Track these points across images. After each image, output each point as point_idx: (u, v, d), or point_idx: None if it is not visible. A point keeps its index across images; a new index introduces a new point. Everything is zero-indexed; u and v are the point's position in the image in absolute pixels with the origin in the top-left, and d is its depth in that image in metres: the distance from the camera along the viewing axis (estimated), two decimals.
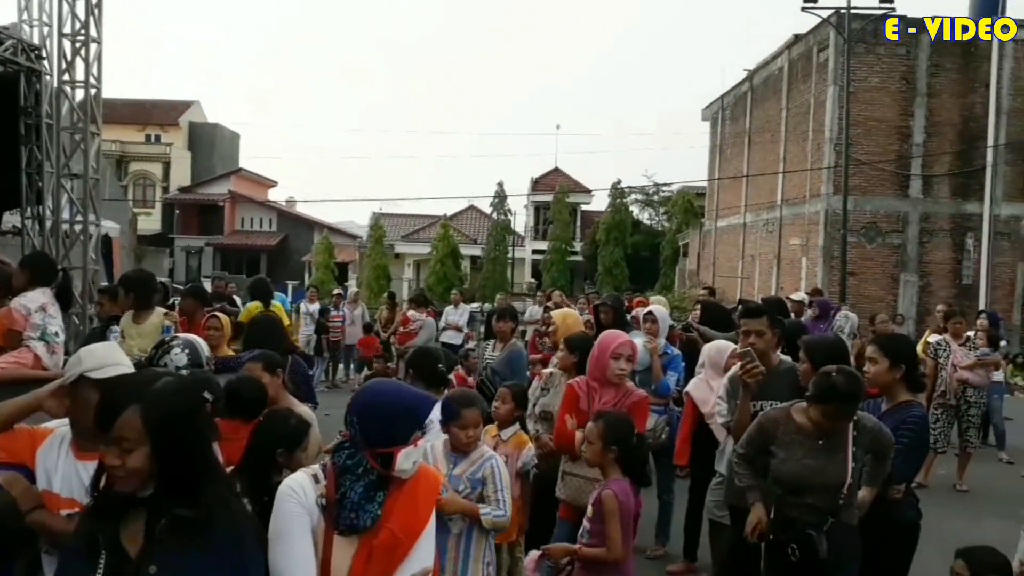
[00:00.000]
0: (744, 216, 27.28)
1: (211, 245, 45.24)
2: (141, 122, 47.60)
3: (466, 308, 13.95)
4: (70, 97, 10.21)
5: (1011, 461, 9.71)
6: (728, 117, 30.59)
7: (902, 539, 3.85)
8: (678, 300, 25.15)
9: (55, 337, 4.73)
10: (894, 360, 3.93)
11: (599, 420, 3.88)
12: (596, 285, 33.61)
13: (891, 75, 20.62)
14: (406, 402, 2.46)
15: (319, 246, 39.39)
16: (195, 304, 5.76)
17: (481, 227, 41.85)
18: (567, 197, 39.25)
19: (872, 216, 20.73)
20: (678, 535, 6.05)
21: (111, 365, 2.66)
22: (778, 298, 11.01)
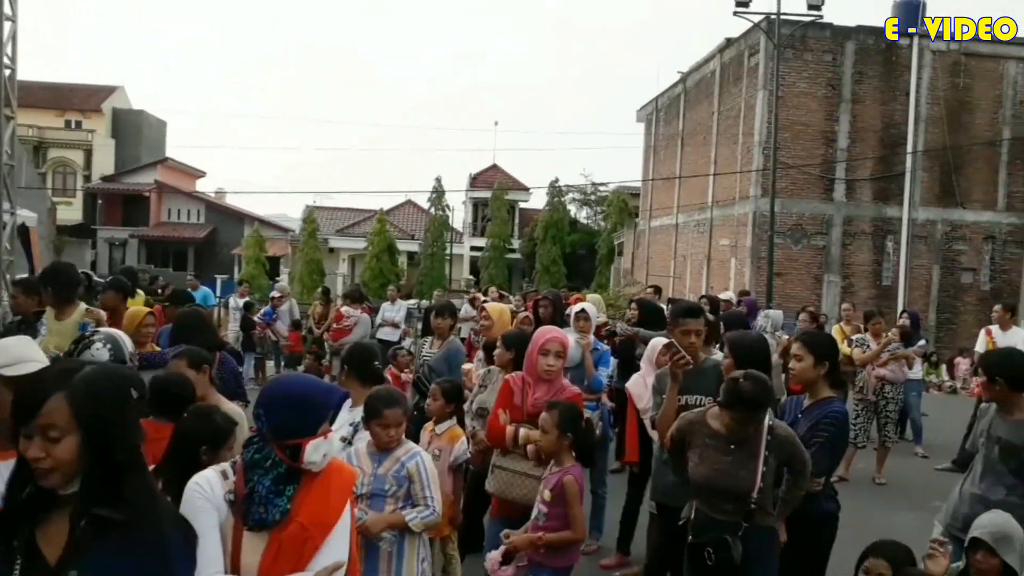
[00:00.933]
0: (677, 216, 27.68)
1: (136, 237, 43.84)
2: (60, 107, 45.72)
3: (403, 304, 13.81)
4: None
5: (926, 455, 10.08)
6: (662, 119, 30.98)
7: (821, 531, 3.95)
8: (613, 298, 25.41)
9: None
10: (818, 357, 4.03)
11: (553, 409, 3.97)
12: (534, 283, 33.75)
13: (818, 81, 21.19)
14: (313, 393, 2.44)
15: (249, 239, 38.44)
16: (118, 298, 5.56)
17: (418, 222, 41.56)
18: (505, 194, 39.31)
19: (798, 218, 21.27)
20: (612, 529, 6.11)
21: (25, 362, 2.56)
22: (714, 297, 11.27)
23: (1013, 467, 4.03)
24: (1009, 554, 3.23)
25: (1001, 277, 21.59)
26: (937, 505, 4.65)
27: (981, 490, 4.11)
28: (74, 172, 44.92)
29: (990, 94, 21.36)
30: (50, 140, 44.21)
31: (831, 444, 3.91)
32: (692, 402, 4.44)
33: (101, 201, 44.57)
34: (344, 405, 3.83)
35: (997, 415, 4.18)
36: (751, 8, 19.55)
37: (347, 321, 11.49)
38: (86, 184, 44.52)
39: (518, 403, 4.47)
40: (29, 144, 38.92)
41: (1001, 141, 21.38)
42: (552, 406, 4.03)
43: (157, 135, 50.89)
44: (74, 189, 44.13)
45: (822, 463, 3.88)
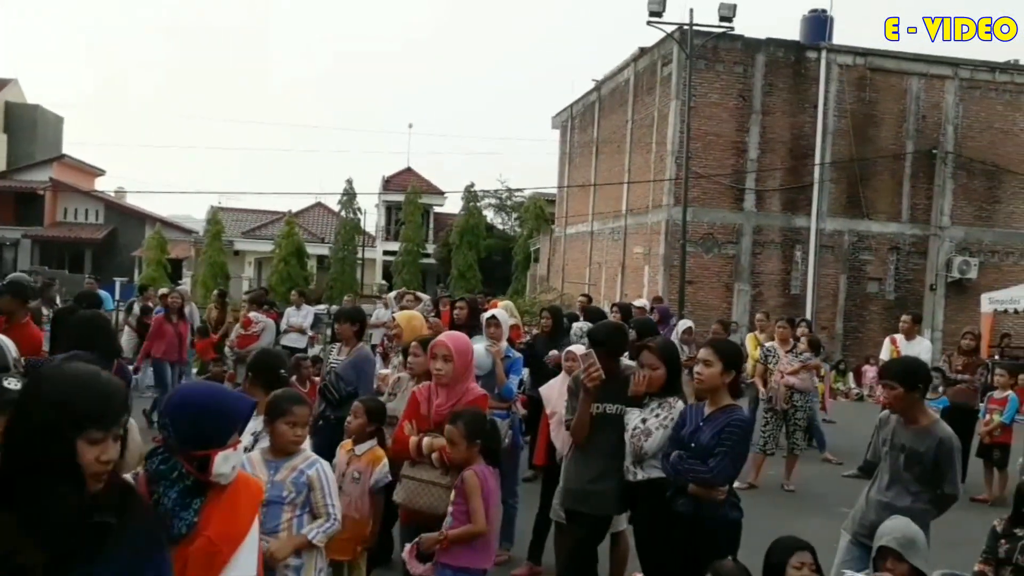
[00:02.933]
0: (592, 224, 27.88)
1: (29, 237, 41.45)
2: None
3: (309, 309, 13.33)
4: None
5: (840, 462, 10.25)
6: (577, 126, 31.20)
7: (725, 538, 3.94)
8: (529, 305, 25.40)
9: None
10: (727, 364, 4.05)
11: (456, 421, 3.95)
12: (449, 288, 33.51)
13: (729, 92, 21.62)
14: (222, 403, 2.38)
15: (151, 241, 36.87)
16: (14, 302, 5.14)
17: (329, 225, 40.83)
18: (419, 198, 38.97)
19: (709, 227, 21.64)
20: (523, 538, 6.01)
21: None
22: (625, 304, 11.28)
23: (917, 474, 4.14)
24: (916, 558, 3.33)
25: (905, 287, 22.40)
26: (845, 511, 4.70)
27: (888, 497, 4.20)
28: None
29: (895, 108, 22.14)
30: None
31: (735, 452, 3.96)
32: (610, 411, 4.47)
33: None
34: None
35: (899, 424, 4.27)
36: (664, 18, 19.80)
37: (254, 327, 10.97)
38: None
39: (425, 413, 4.40)
40: None
41: (905, 155, 22.19)
42: (456, 417, 3.99)
43: (53, 131, 48.51)
44: None
45: (726, 471, 3.95)
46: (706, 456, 3.90)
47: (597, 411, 4.45)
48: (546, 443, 5.89)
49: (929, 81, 22.24)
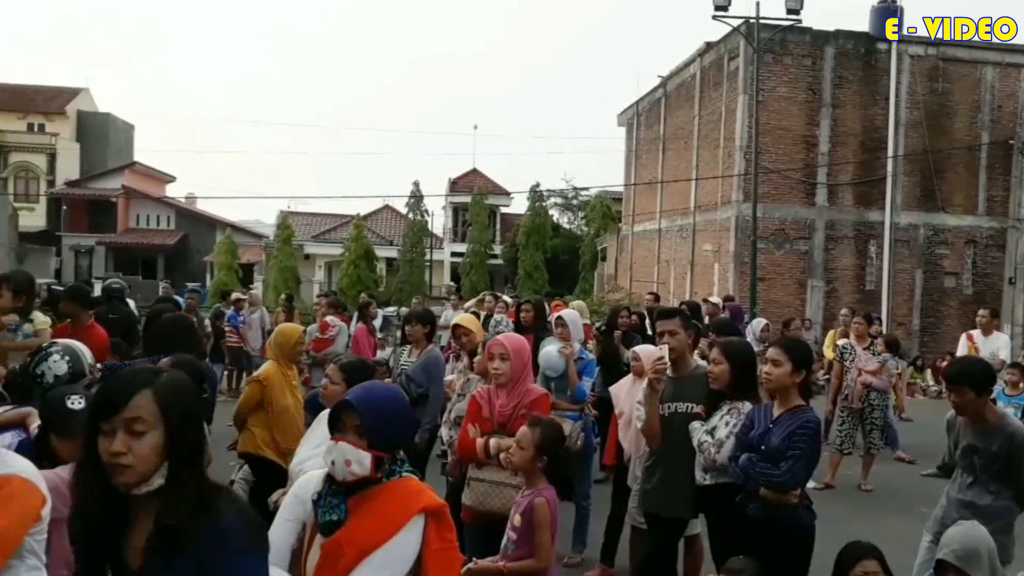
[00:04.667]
0: (659, 222, 27.65)
1: (103, 244, 42.34)
2: (22, 109, 44.25)
3: (378, 313, 13.55)
4: None
5: (912, 460, 10.01)
6: (643, 123, 30.95)
7: (800, 542, 3.90)
8: (596, 304, 25.31)
9: None
10: (796, 364, 3.98)
11: (535, 427, 3.79)
12: (516, 288, 33.60)
13: (798, 85, 21.21)
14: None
15: (222, 246, 37.42)
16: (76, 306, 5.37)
17: (397, 228, 41.20)
18: (486, 199, 39.09)
19: (780, 223, 21.26)
20: (595, 541, 6.01)
21: None
22: (695, 302, 11.17)
23: (994, 473, 4.05)
24: (977, 570, 3.18)
25: (983, 281, 21.69)
26: (924, 511, 4.61)
27: (969, 496, 4.12)
28: (37, 177, 43.48)
29: (968, 99, 21.49)
30: (11, 144, 42.88)
31: (807, 455, 3.89)
32: (681, 409, 4.40)
33: (66, 207, 42.98)
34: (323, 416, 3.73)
35: (965, 425, 4.18)
36: (730, 12, 19.54)
37: (331, 331, 11.16)
38: (50, 189, 42.92)
39: (487, 415, 4.38)
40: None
41: (980, 146, 21.49)
42: (535, 423, 3.84)
43: (125, 139, 49.38)
44: (37, 195, 42.72)
45: (799, 474, 3.87)
46: (777, 459, 3.84)
47: (668, 411, 4.42)
48: (615, 443, 5.87)
49: (1004, 70, 21.54)
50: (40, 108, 45.11)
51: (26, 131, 44.35)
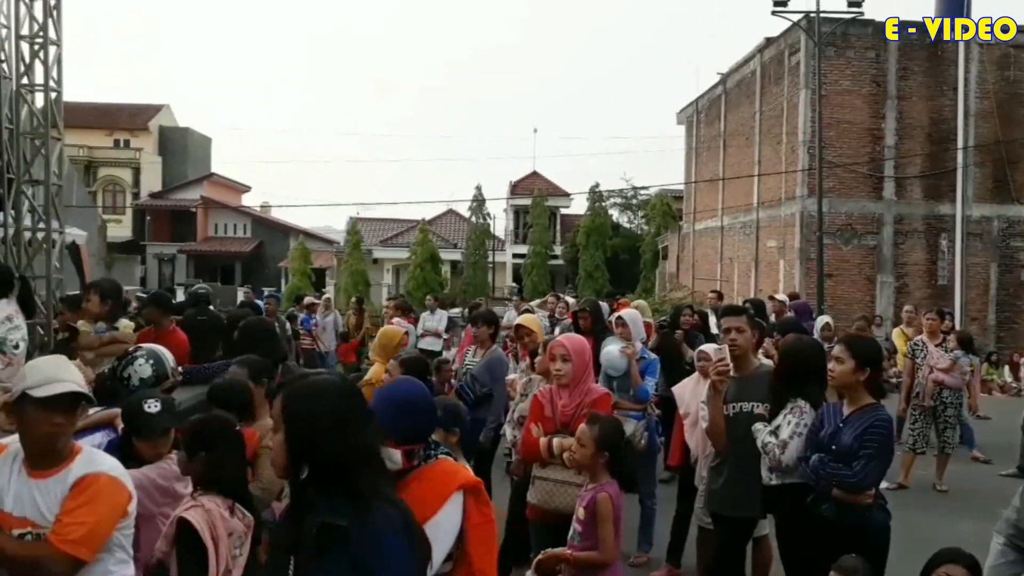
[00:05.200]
0: (721, 219, 27.37)
1: (184, 252, 44.39)
2: (108, 126, 46.47)
3: (443, 313, 13.80)
4: (29, 101, 9.97)
5: (988, 460, 9.74)
6: (703, 120, 30.68)
7: (875, 543, 3.83)
8: (658, 303, 25.17)
9: (14, 349, 4.54)
10: (860, 362, 3.89)
11: (594, 424, 3.85)
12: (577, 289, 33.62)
13: (861, 78, 20.76)
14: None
15: (295, 252, 38.83)
16: (159, 312, 5.62)
17: (460, 231, 41.70)
18: (546, 201, 39.25)
19: (847, 218, 20.84)
20: (661, 541, 6.01)
21: (56, 382, 2.55)
22: (759, 300, 11.03)
23: None
24: None
25: None
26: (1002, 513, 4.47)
27: None
28: (123, 190, 45.79)
29: None
30: (99, 159, 45.17)
31: (880, 454, 3.80)
32: (746, 409, 4.38)
33: (150, 217, 45.36)
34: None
35: None
36: (790, 7, 19.25)
37: None
38: (135, 201, 45.30)
39: (549, 415, 4.43)
40: (80, 163, 39.81)
41: None
42: (594, 420, 3.92)
43: (202, 151, 51.48)
44: (123, 206, 44.99)
45: (872, 474, 3.80)
46: (848, 459, 3.76)
47: (733, 411, 4.39)
48: (680, 444, 5.87)
49: None
50: (125, 125, 47.36)
51: (112, 147, 46.70)
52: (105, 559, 2.60)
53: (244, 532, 3.15)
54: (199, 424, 3.20)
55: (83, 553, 2.51)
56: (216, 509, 3.01)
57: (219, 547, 2.96)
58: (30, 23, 9.65)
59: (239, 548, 3.08)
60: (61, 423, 2.56)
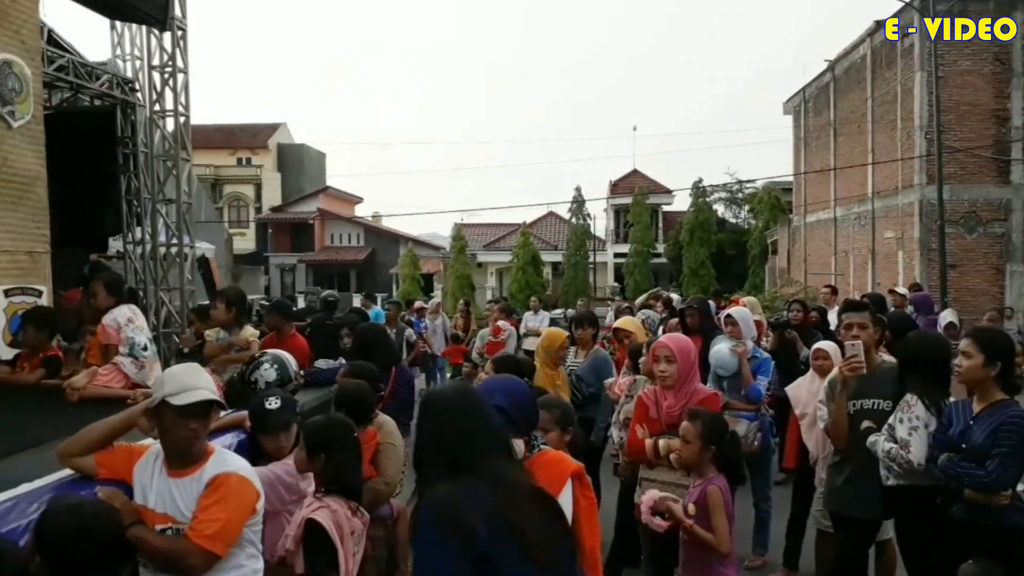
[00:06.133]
0: (834, 210, 26.46)
1: (303, 262, 46.66)
2: (232, 146, 49.27)
3: (545, 314, 13.95)
4: (161, 126, 10.66)
5: None
6: (811, 109, 29.75)
7: (1014, 546, 3.62)
8: (769, 300, 24.54)
9: (143, 351, 4.82)
10: (989, 356, 3.71)
11: (696, 420, 3.88)
12: (682, 287, 33.12)
13: (983, 57, 19.65)
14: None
15: (404, 259, 40.11)
16: (280, 318, 5.92)
17: (561, 233, 41.80)
18: (647, 199, 38.81)
19: (971, 205, 19.77)
20: (777, 544, 5.91)
21: (191, 390, 2.73)
22: (878, 295, 10.60)
23: None
24: None
25: None
26: None
27: None
28: (247, 205, 48.43)
29: None
30: (225, 177, 47.83)
31: (1016, 452, 3.58)
32: (868, 406, 4.30)
33: (271, 230, 47.87)
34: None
35: None
36: None
37: (502, 335, 11.62)
38: (257, 215, 48.01)
39: (655, 416, 4.42)
40: (207, 182, 42.19)
41: None
42: (694, 416, 3.93)
43: (317, 166, 54.05)
44: (247, 220, 47.70)
45: (1008, 474, 3.59)
46: (981, 458, 3.58)
47: (854, 408, 4.29)
48: (796, 445, 5.75)
49: None
50: (247, 144, 50.11)
51: (236, 165, 49.48)
52: (237, 554, 2.77)
53: (362, 530, 3.32)
54: (319, 427, 3.36)
55: (217, 548, 2.67)
56: (340, 509, 3.18)
57: (345, 545, 3.12)
58: (160, 54, 10.32)
59: (358, 545, 3.24)
60: (196, 428, 2.75)
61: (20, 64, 6.94)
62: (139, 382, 4.74)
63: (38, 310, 6.04)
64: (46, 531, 2.27)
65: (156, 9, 9.59)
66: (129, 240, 10.65)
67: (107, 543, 2.34)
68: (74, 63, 9.14)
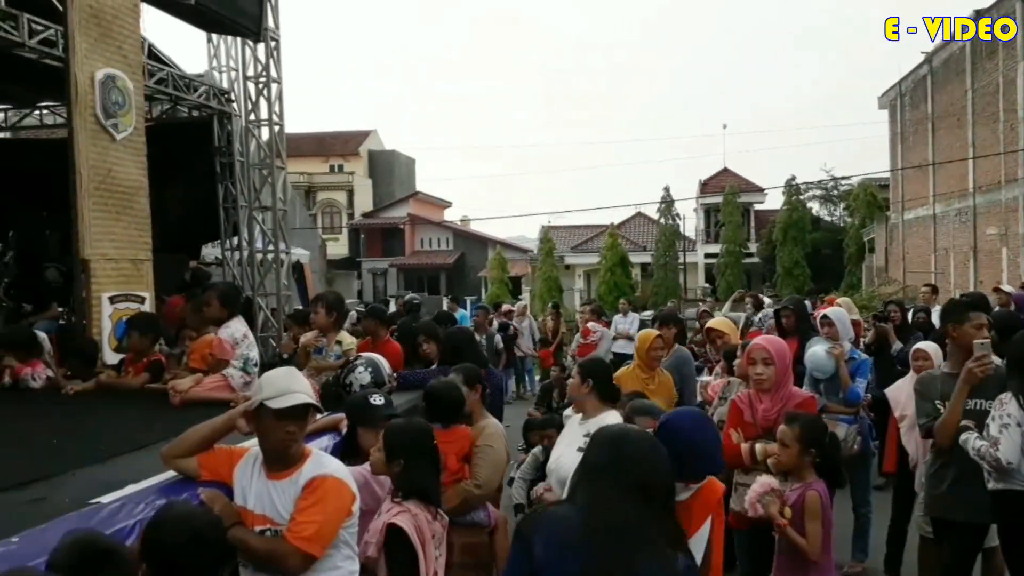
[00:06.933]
0: (933, 207, 25.44)
1: (394, 266, 47.44)
2: (324, 154, 50.42)
3: (635, 316, 13.79)
4: (256, 135, 10.98)
5: None
6: (908, 103, 28.69)
7: None
8: (866, 299, 23.73)
9: (254, 367, 4.95)
10: None
11: (794, 423, 3.79)
12: (775, 287, 32.35)
13: None
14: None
15: (493, 262, 40.25)
16: (375, 323, 6.01)
17: (649, 233, 41.40)
18: (738, 197, 38.07)
19: None
20: (877, 550, 5.74)
21: (289, 393, 2.77)
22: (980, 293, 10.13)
23: None
24: None
25: None
26: None
27: None
28: (339, 211, 49.53)
29: None
30: (318, 184, 49.08)
31: None
32: (978, 407, 4.10)
33: (363, 235, 48.79)
34: (574, 419, 3.93)
35: None
36: None
37: (593, 336, 11.54)
38: (350, 221, 49.00)
39: (749, 420, 4.32)
40: (301, 189, 43.39)
41: None
42: (792, 419, 3.83)
43: (407, 171, 54.85)
44: (340, 226, 48.73)
45: None
46: None
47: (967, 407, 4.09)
48: (896, 448, 5.55)
49: None
50: (338, 151, 51.25)
51: (328, 172, 50.72)
52: (333, 555, 2.81)
53: (443, 534, 3.32)
54: (399, 431, 3.34)
55: (314, 549, 2.71)
56: (421, 514, 3.19)
57: (427, 550, 3.13)
58: (255, 64, 10.64)
59: (438, 550, 3.26)
60: (294, 431, 2.79)
61: (123, 78, 7.18)
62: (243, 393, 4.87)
63: (142, 316, 6.25)
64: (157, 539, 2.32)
65: (250, 21, 9.86)
66: (227, 247, 11.01)
67: (217, 551, 2.41)
68: (173, 76, 9.49)
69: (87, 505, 2.79)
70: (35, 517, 2.63)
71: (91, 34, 6.86)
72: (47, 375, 5.74)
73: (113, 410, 4.98)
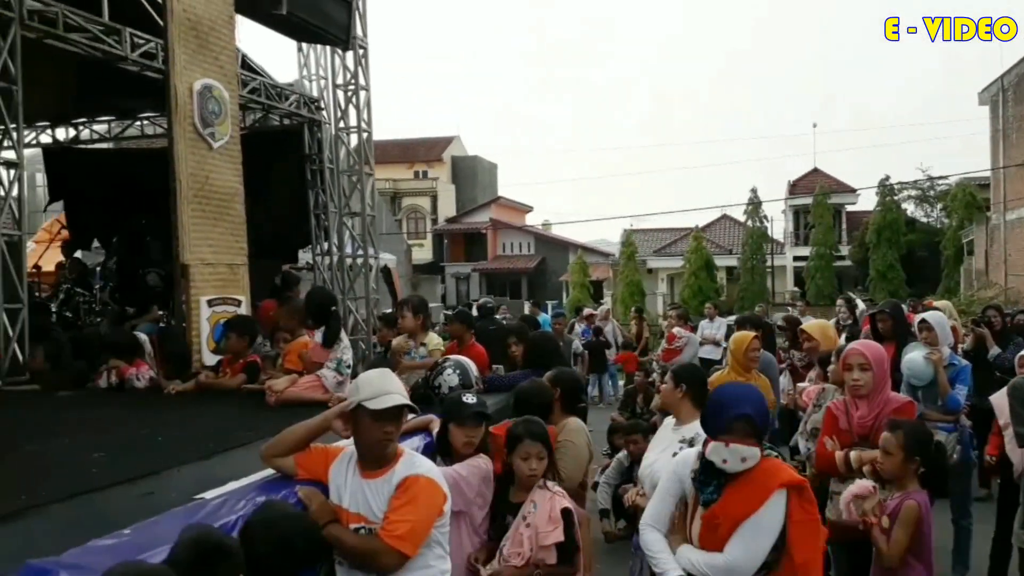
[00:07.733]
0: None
1: (477, 270, 48.04)
2: (409, 160, 51.38)
3: (722, 321, 13.52)
4: (346, 142, 11.25)
5: None
6: (1010, 98, 27.37)
7: None
8: (965, 303, 22.75)
9: (347, 369, 5.09)
10: None
11: (897, 430, 3.69)
12: (869, 291, 31.31)
13: None
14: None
15: (574, 266, 40.21)
16: (462, 327, 6.11)
17: (735, 236, 40.60)
18: (829, 198, 37.00)
19: None
20: (979, 565, 5.53)
21: (386, 394, 2.84)
22: None
23: None
24: None
25: None
26: None
27: None
28: (423, 216, 50.47)
29: None
30: (403, 190, 50.04)
31: None
32: None
33: (447, 240, 49.62)
34: (667, 423, 3.92)
35: None
36: None
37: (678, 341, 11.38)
38: (434, 226, 49.87)
39: (844, 427, 4.20)
40: (387, 195, 44.37)
41: None
42: (895, 426, 3.72)
43: (489, 177, 55.51)
44: (424, 232, 49.68)
45: None
46: None
47: None
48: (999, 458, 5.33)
49: None
50: (423, 157, 52.25)
51: (413, 178, 51.74)
52: (426, 554, 2.86)
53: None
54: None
55: (407, 548, 2.76)
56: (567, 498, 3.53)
57: (582, 531, 3.52)
58: (343, 73, 10.91)
59: None
60: (390, 431, 2.86)
61: (219, 88, 7.42)
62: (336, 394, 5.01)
63: (239, 318, 6.47)
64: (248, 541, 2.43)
65: (339, 30, 10.10)
66: (317, 251, 11.31)
67: (302, 556, 2.51)
68: (265, 85, 9.80)
69: (192, 500, 2.91)
70: (145, 510, 2.76)
71: (189, 46, 7.10)
72: (150, 375, 6.01)
73: (213, 409, 5.18)
